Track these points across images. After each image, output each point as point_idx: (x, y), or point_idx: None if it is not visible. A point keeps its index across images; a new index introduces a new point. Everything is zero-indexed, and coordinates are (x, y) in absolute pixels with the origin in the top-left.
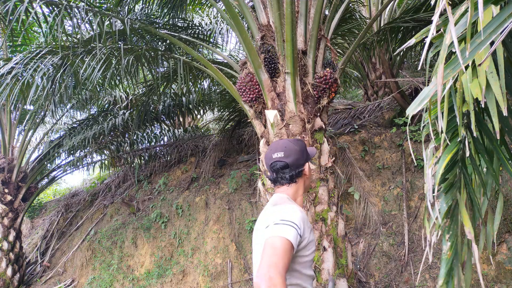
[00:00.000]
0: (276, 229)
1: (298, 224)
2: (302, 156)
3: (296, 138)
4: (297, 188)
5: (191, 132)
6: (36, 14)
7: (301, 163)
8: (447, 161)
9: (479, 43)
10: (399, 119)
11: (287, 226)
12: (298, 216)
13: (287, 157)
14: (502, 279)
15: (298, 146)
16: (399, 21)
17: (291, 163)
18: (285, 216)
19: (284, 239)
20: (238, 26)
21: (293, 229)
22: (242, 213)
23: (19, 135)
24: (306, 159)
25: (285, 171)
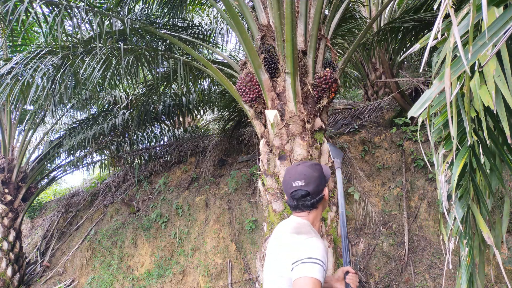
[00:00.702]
0: (306, 269)
1: (324, 260)
2: (321, 182)
3: (313, 162)
4: (317, 214)
5: (191, 132)
6: (36, 14)
7: (321, 189)
8: (461, 167)
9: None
10: (399, 119)
11: (316, 265)
12: (323, 250)
13: (307, 185)
14: (502, 279)
15: (317, 172)
16: (399, 21)
17: (312, 191)
18: (313, 253)
19: (315, 280)
20: (238, 26)
21: (321, 268)
22: (242, 213)
23: (19, 135)
24: (324, 184)
25: (307, 199)
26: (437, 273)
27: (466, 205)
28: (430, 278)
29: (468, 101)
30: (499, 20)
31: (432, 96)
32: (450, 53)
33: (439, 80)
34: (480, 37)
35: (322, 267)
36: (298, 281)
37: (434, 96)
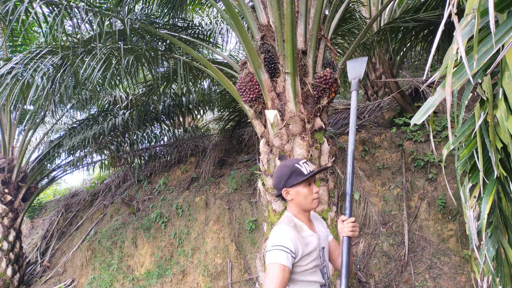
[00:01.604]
0: (269, 256)
1: (287, 246)
2: (280, 182)
3: (283, 164)
4: (291, 207)
5: (191, 132)
6: (36, 14)
7: (279, 188)
8: (490, 202)
9: (484, 52)
10: (399, 119)
11: (277, 251)
12: (287, 237)
13: (273, 181)
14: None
15: (278, 173)
16: (399, 21)
17: (274, 186)
18: (275, 241)
19: (276, 265)
20: (238, 26)
21: (282, 252)
22: (242, 213)
23: (19, 135)
24: (281, 186)
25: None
26: (437, 273)
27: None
28: (430, 278)
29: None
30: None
31: (435, 103)
32: (452, 60)
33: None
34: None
35: (284, 251)
36: (266, 268)
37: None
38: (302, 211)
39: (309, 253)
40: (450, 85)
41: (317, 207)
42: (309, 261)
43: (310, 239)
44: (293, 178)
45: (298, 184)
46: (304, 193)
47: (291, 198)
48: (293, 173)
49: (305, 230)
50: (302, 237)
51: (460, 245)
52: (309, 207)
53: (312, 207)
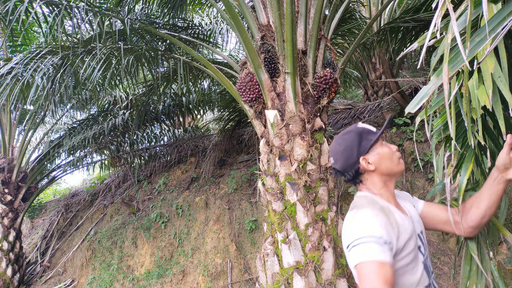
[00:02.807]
0: (357, 255)
1: (378, 234)
2: (351, 153)
3: (344, 131)
4: (372, 183)
5: (191, 132)
6: (36, 14)
7: (351, 162)
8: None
9: (478, 41)
10: (399, 119)
11: (366, 245)
12: (374, 224)
13: (336, 162)
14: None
15: (343, 145)
16: (399, 21)
17: (342, 169)
18: (360, 233)
19: (371, 263)
20: (238, 26)
21: (376, 245)
22: (242, 213)
23: (19, 135)
24: (356, 155)
25: (346, 176)
26: (437, 273)
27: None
28: None
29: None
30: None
31: (429, 93)
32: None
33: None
34: (478, 33)
35: (377, 243)
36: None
37: (431, 92)
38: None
39: (405, 243)
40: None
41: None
42: (405, 255)
43: (403, 223)
44: (366, 140)
45: (375, 144)
46: (388, 152)
47: (373, 168)
48: (362, 134)
49: (395, 213)
50: (392, 222)
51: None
52: (398, 169)
53: (401, 169)
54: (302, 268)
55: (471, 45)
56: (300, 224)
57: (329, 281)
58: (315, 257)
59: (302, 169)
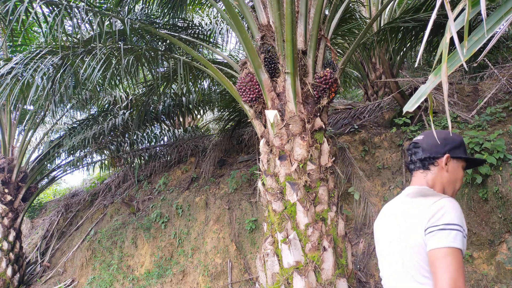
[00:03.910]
0: (445, 238)
1: (462, 225)
2: (442, 144)
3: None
4: (435, 180)
5: (191, 132)
6: (36, 14)
7: (437, 150)
8: None
9: (476, 41)
10: (399, 119)
11: (455, 232)
12: (460, 213)
13: (423, 138)
14: (502, 279)
15: (445, 136)
16: (399, 21)
17: (424, 146)
18: (450, 218)
19: (456, 250)
20: (238, 26)
21: (461, 234)
22: (242, 213)
23: (19, 135)
24: (445, 151)
25: (417, 152)
26: None
27: None
28: None
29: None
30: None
31: (427, 91)
32: (446, 48)
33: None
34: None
35: (462, 233)
36: (436, 252)
37: (429, 91)
38: (451, 194)
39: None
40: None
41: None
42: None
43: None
44: (462, 149)
45: (461, 160)
46: (460, 174)
47: (446, 170)
48: (463, 145)
49: None
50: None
51: None
52: (453, 192)
53: (452, 194)
54: (302, 268)
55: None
56: (300, 224)
57: (329, 281)
58: (315, 257)
59: (302, 169)
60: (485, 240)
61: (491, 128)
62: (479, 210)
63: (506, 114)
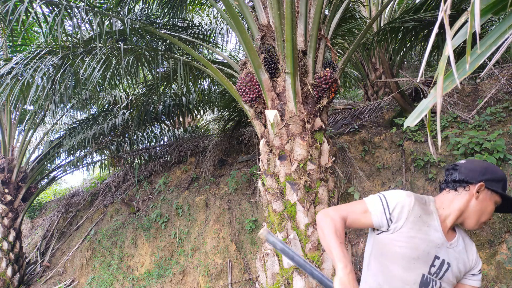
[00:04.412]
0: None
1: (389, 202)
2: (482, 172)
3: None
4: (454, 199)
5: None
6: (36, 14)
7: (472, 176)
8: None
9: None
10: (399, 119)
11: (376, 197)
12: (398, 198)
13: (464, 163)
14: (502, 279)
15: (487, 166)
16: (399, 21)
17: (462, 169)
18: (386, 193)
19: (362, 202)
20: (238, 26)
21: (379, 201)
22: (242, 213)
23: (19, 135)
24: (480, 179)
25: (453, 173)
26: None
27: None
28: None
29: None
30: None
31: (429, 106)
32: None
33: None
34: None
35: (380, 199)
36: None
37: (431, 105)
38: (460, 218)
39: (416, 239)
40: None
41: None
42: (402, 247)
43: (431, 231)
44: (500, 184)
45: (496, 193)
46: (489, 209)
47: (475, 197)
48: (504, 182)
49: (433, 220)
50: (423, 218)
51: None
52: (472, 224)
53: (471, 228)
54: None
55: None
56: (300, 224)
57: None
58: (315, 257)
59: (302, 169)
60: (485, 240)
61: (491, 128)
62: None
63: (506, 114)
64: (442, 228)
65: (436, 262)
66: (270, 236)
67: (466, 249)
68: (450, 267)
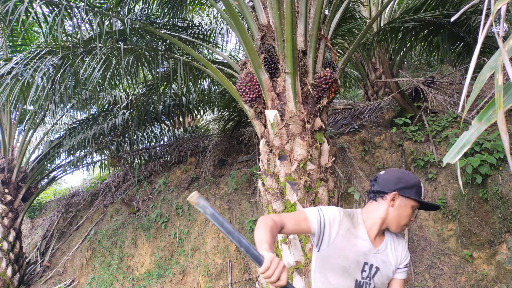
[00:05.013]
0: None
1: (324, 213)
2: (394, 182)
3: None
4: (375, 209)
5: (191, 132)
6: (36, 14)
7: (387, 186)
8: None
9: None
10: (399, 119)
11: (314, 208)
12: (331, 210)
13: (383, 174)
14: (502, 279)
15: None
16: (399, 21)
17: (379, 180)
18: (322, 206)
19: (301, 210)
20: (238, 26)
21: (316, 211)
22: (242, 213)
23: (19, 135)
24: (394, 188)
25: (374, 184)
26: (437, 273)
27: None
28: (430, 278)
29: None
30: None
31: (471, 139)
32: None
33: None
34: None
35: (317, 210)
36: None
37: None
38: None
39: (346, 251)
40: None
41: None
42: (341, 260)
43: (358, 241)
44: (413, 190)
45: (410, 199)
46: (408, 213)
47: (391, 205)
48: (416, 187)
49: (360, 231)
50: (350, 231)
51: (460, 245)
52: (394, 228)
53: (394, 230)
54: (302, 268)
55: None
56: None
57: None
58: None
59: (302, 169)
60: (485, 240)
61: (491, 128)
62: (479, 210)
63: (506, 114)
64: (369, 236)
65: (366, 267)
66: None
67: (395, 249)
68: (378, 270)
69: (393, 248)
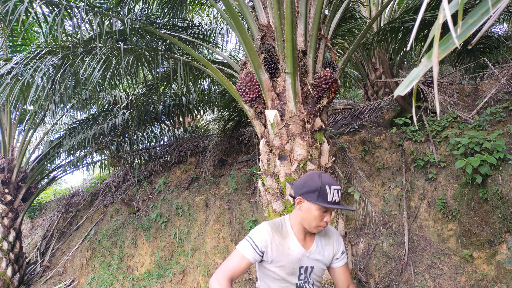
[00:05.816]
0: (240, 244)
1: (255, 241)
2: (300, 187)
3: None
4: (295, 214)
5: (191, 132)
6: (36, 14)
7: (295, 191)
8: None
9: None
10: (399, 119)
11: (245, 241)
12: (260, 235)
13: (299, 179)
14: (502, 279)
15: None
16: (399, 21)
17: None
18: (251, 233)
19: (239, 252)
20: (238, 26)
21: (248, 244)
22: (242, 213)
23: (19, 135)
24: (299, 193)
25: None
26: (437, 273)
27: None
28: (430, 278)
29: None
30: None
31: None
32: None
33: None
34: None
35: (251, 245)
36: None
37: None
38: (302, 227)
39: (281, 262)
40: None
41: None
42: (277, 270)
43: (291, 251)
44: (314, 195)
45: (314, 204)
46: (314, 215)
47: (299, 209)
48: (318, 191)
49: (291, 240)
50: (282, 244)
51: (460, 245)
52: (309, 229)
53: (310, 231)
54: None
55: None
56: None
57: (329, 281)
58: None
59: (302, 169)
60: (485, 240)
61: (491, 128)
62: (479, 210)
63: (506, 114)
64: (299, 241)
65: (302, 271)
66: None
67: (326, 244)
68: (313, 268)
69: (324, 244)
